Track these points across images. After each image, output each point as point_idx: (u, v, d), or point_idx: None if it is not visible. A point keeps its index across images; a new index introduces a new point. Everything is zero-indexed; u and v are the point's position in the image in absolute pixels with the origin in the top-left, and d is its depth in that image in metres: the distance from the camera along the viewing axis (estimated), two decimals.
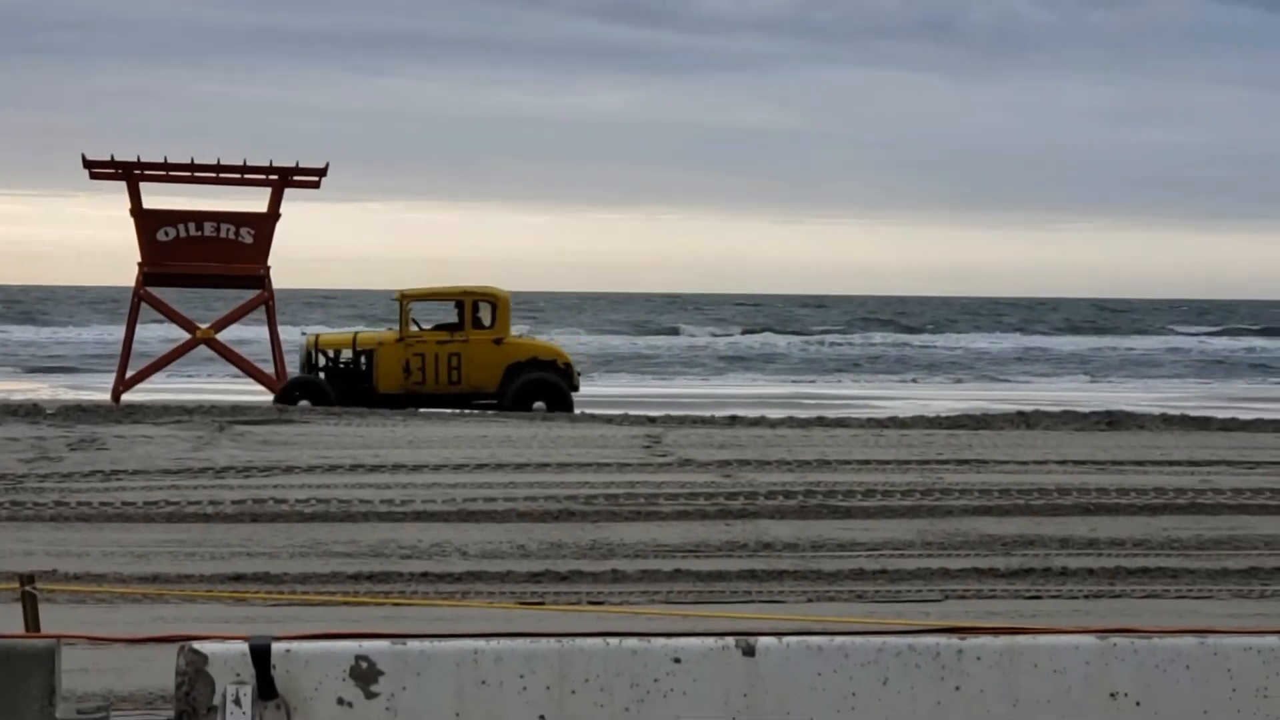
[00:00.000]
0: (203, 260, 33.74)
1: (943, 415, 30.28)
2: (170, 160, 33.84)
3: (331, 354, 31.91)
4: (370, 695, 5.54)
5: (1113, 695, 5.63)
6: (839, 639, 5.68)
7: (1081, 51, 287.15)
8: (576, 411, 30.69)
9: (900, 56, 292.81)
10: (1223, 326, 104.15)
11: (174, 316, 34.96)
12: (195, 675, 5.52)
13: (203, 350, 35.67)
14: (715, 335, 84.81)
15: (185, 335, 35.17)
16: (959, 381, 54.69)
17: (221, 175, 34.07)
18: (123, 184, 33.76)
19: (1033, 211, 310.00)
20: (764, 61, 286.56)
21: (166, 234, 33.69)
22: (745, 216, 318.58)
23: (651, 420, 28.32)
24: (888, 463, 22.55)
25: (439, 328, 31.62)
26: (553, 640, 5.64)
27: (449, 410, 30.74)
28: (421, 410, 30.53)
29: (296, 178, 34.12)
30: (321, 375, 31.56)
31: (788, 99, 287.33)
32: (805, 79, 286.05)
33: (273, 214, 34.07)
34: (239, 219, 34.11)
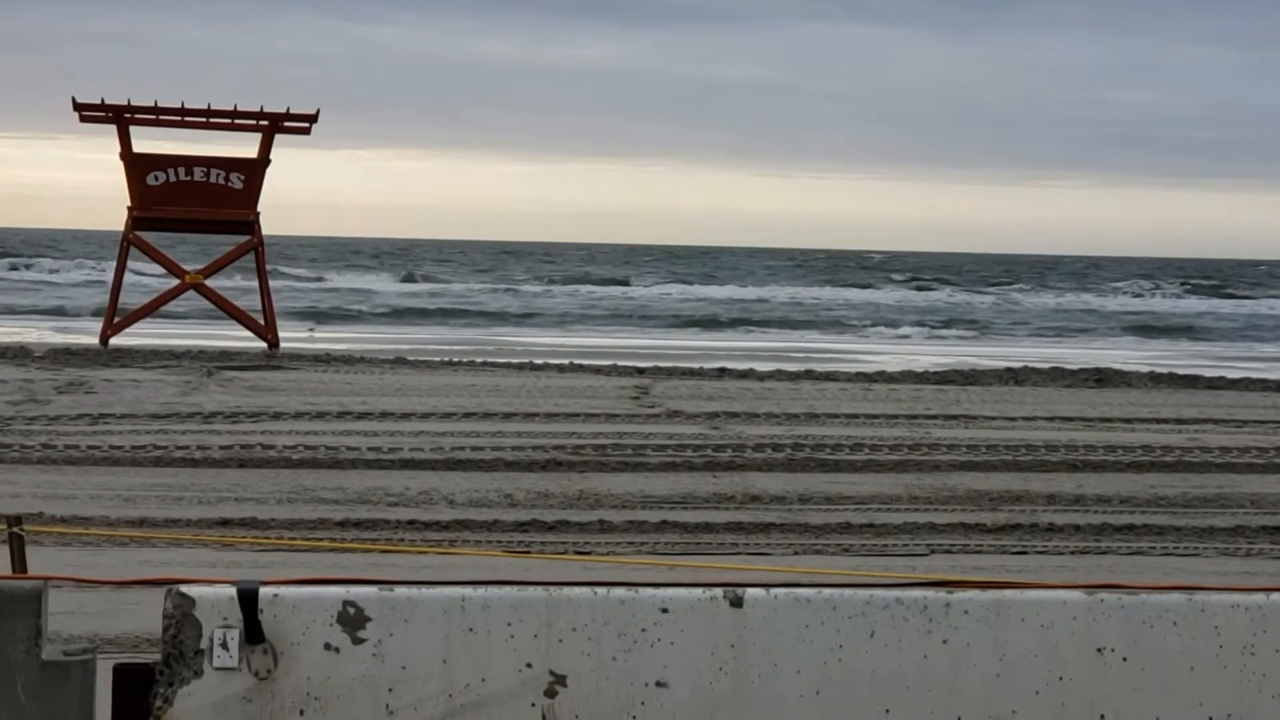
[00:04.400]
0: (192, 205, 33.59)
1: (931, 370, 30.30)
2: (160, 104, 33.71)
3: None
4: (357, 641, 5.53)
5: (1100, 650, 5.63)
6: (827, 591, 5.68)
7: (1064, 8, 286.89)
8: (565, 362, 30.67)
9: (885, 11, 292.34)
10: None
11: (163, 261, 34.88)
12: (182, 618, 5.51)
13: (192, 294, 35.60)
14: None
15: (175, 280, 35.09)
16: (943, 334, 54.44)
17: (212, 120, 33.88)
18: (112, 127, 33.61)
19: (1017, 169, 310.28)
20: (748, 14, 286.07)
21: (156, 178, 33.54)
22: (730, 169, 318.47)
23: (640, 371, 28.31)
24: (876, 417, 22.55)
25: None
26: (540, 589, 5.63)
27: (438, 359, 30.73)
28: (411, 359, 30.52)
29: (287, 124, 33.95)
30: None
31: (771, 53, 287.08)
32: (789, 33, 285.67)
33: (263, 160, 33.92)
34: (229, 164, 33.95)
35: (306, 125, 34.03)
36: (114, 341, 33.12)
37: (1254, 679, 5.64)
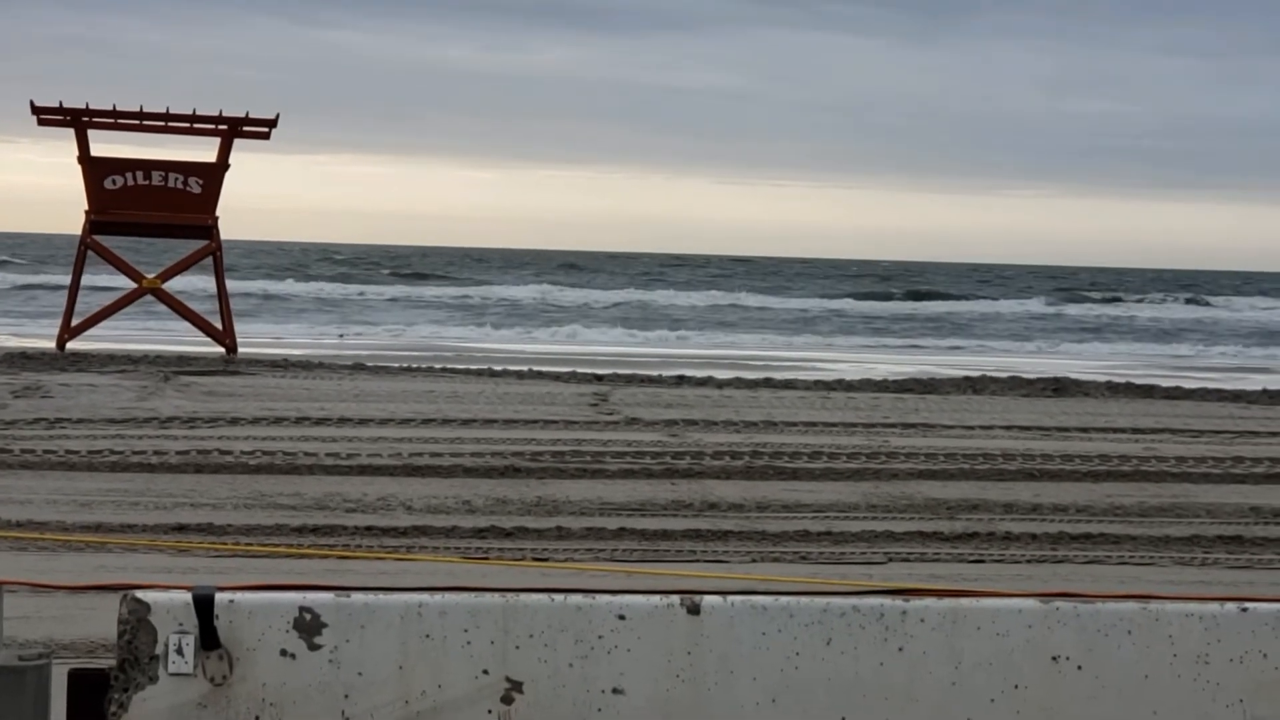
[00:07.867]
0: (151, 209, 33.50)
1: (890, 379, 30.36)
2: (119, 108, 33.60)
3: None
4: (314, 647, 5.52)
5: (1054, 659, 5.65)
6: (784, 599, 5.69)
7: (1024, 17, 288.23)
8: (524, 368, 30.67)
9: (847, 19, 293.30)
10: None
11: (121, 265, 34.75)
12: (137, 624, 5.49)
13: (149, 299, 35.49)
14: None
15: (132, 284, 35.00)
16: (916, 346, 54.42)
17: (170, 124, 33.79)
18: (70, 131, 33.50)
19: (979, 177, 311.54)
20: (709, 21, 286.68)
21: (114, 182, 33.44)
22: (690, 176, 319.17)
23: (599, 378, 28.32)
24: (834, 425, 22.60)
25: None
26: (498, 595, 5.62)
27: (396, 364, 30.71)
28: (369, 364, 30.49)
29: (246, 128, 33.88)
30: None
31: (733, 60, 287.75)
32: (751, 40, 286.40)
33: (222, 164, 33.83)
34: (188, 168, 33.86)
35: (266, 130, 33.97)
36: (70, 346, 33.01)
37: (1208, 688, 5.66)
